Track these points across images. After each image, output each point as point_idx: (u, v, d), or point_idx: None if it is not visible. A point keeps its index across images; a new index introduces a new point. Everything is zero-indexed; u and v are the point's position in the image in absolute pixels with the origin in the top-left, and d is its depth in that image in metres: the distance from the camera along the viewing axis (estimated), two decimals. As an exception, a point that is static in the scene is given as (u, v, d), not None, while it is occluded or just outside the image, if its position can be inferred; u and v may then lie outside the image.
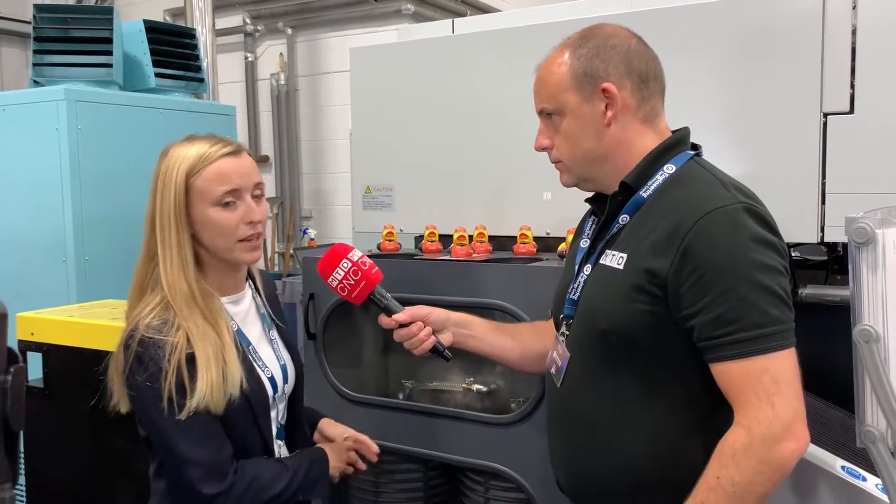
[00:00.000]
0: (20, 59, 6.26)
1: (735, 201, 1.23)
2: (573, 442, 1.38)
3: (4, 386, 0.52)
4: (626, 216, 1.33)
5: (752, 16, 1.88)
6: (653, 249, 1.24)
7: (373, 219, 2.49)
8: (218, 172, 1.48)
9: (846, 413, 1.85)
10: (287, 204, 5.73)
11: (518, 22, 2.29)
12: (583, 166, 1.38)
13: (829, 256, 2.36)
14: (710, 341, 1.19)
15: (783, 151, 1.87)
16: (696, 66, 1.96)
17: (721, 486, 1.16)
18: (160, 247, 1.48)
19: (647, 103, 1.34)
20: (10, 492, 0.52)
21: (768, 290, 1.18)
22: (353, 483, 2.31)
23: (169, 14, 5.87)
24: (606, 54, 1.32)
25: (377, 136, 2.49)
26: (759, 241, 1.20)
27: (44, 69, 3.42)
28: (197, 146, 1.50)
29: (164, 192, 1.48)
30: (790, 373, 1.18)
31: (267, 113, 5.79)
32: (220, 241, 1.50)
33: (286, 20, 5.59)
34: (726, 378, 1.19)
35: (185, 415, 1.41)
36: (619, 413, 1.31)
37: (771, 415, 1.15)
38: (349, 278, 1.54)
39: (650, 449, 1.28)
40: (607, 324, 1.29)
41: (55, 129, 3.15)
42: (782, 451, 1.15)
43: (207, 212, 1.48)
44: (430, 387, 2.28)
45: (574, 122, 1.34)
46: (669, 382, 1.28)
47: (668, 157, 1.34)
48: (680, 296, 1.21)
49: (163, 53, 3.74)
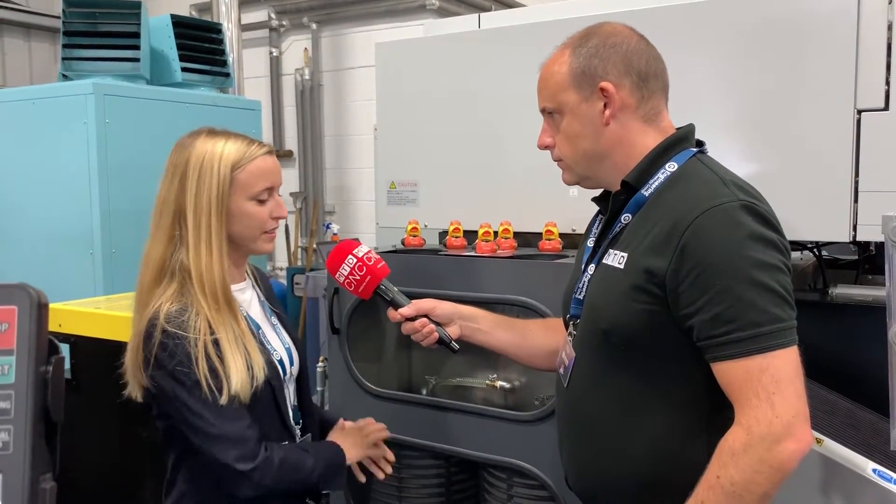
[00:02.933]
0: (49, 54, 6.34)
1: (734, 199, 1.21)
2: (579, 441, 1.39)
3: (46, 376, 0.53)
4: (628, 215, 1.33)
5: (787, 12, 1.85)
6: (652, 248, 1.23)
7: (397, 214, 2.49)
8: (261, 169, 1.57)
9: (878, 416, 1.82)
10: (310, 199, 5.75)
11: (544, 17, 2.27)
12: (583, 165, 1.38)
13: (860, 256, 2.32)
14: (710, 341, 1.18)
15: (816, 149, 1.84)
16: (729, 63, 1.93)
17: (721, 486, 1.15)
18: (193, 235, 1.51)
19: (648, 102, 1.33)
20: (51, 482, 0.52)
21: (767, 287, 1.16)
22: (376, 478, 2.32)
23: (195, 9, 5.91)
24: (605, 53, 1.32)
25: (402, 131, 2.49)
26: (757, 238, 1.18)
27: (72, 63, 3.46)
28: (233, 142, 1.57)
29: (202, 181, 1.51)
30: (791, 372, 1.16)
31: (291, 108, 5.81)
32: (248, 232, 1.57)
33: (311, 15, 5.61)
34: (726, 377, 1.18)
35: (226, 398, 1.45)
36: (622, 413, 1.31)
37: (770, 414, 1.13)
38: (355, 273, 1.58)
39: (653, 449, 1.28)
40: (609, 324, 1.29)
41: (83, 123, 3.19)
42: (782, 451, 1.13)
43: (245, 205, 1.55)
44: (453, 383, 2.28)
45: (574, 120, 1.34)
46: (671, 383, 1.27)
47: (670, 154, 1.33)
48: (678, 295, 1.20)
49: (189, 48, 3.77)
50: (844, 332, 1.92)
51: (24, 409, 0.51)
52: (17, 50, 6.19)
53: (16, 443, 0.50)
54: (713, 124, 1.97)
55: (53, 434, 0.53)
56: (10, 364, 0.52)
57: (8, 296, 0.52)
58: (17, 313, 0.52)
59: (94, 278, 3.16)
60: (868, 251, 2.29)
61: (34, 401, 0.51)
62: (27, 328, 0.52)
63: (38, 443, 0.51)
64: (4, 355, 0.51)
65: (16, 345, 0.52)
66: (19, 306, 0.52)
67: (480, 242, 2.13)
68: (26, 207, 3.39)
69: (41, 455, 0.51)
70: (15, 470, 0.49)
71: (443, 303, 1.61)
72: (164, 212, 1.54)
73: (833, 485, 1.57)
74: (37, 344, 0.52)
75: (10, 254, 3.43)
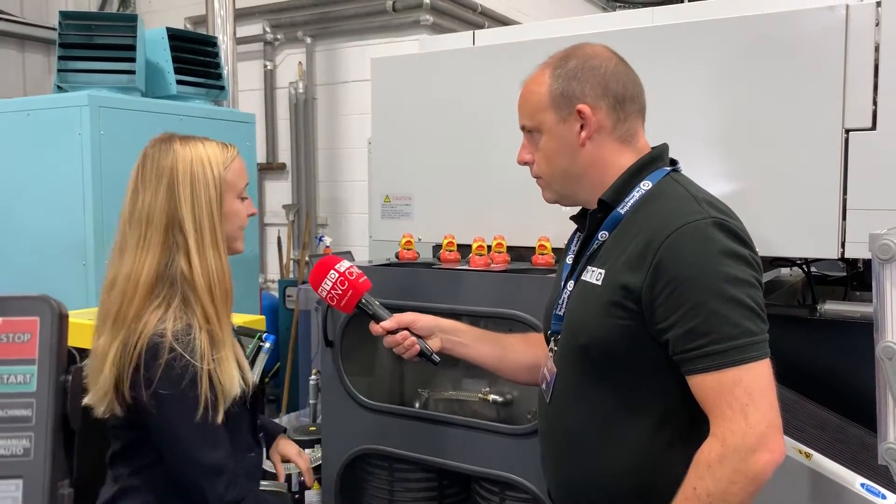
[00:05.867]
0: (43, 65, 6.33)
1: (706, 216, 1.24)
2: (560, 455, 1.41)
3: (66, 385, 0.54)
4: (605, 232, 1.36)
5: (775, 32, 1.89)
6: (628, 265, 1.26)
7: (391, 227, 2.50)
8: (240, 168, 1.60)
9: (866, 430, 1.84)
10: (303, 211, 5.76)
11: (539, 34, 2.30)
12: (560, 183, 1.42)
13: (848, 272, 2.35)
14: (685, 354, 1.21)
15: (804, 167, 1.87)
16: (717, 82, 1.96)
17: (697, 497, 1.17)
18: (195, 241, 1.49)
19: (624, 124, 1.36)
20: (68, 488, 0.53)
21: (740, 302, 1.19)
22: (368, 491, 2.32)
23: (190, 22, 5.93)
24: (584, 76, 1.35)
25: (397, 144, 2.51)
26: (729, 254, 1.21)
27: (68, 75, 3.47)
28: (209, 145, 1.57)
29: (196, 186, 1.50)
30: (764, 384, 1.19)
31: (285, 121, 5.83)
32: (233, 232, 1.60)
33: (306, 29, 5.64)
34: (701, 390, 1.21)
35: (221, 416, 1.45)
36: (601, 428, 1.33)
37: (744, 426, 1.16)
38: (336, 288, 1.59)
39: (632, 463, 1.30)
40: (587, 339, 1.31)
41: (78, 134, 3.20)
42: (756, 462, 1.15)
43: (234, 204, 1.59)
44: (446, 396, 2.29)
45: (551, 140, 1.38)
46: (649, 397, 1.29)
47: (645, 173, 1.36)
48: (654, 310, 1.23)
49: (184, 61, 3.79)
50: (833, 347, 1.94)
51: (45, 416, 0.52)
52: (11, 61, 6.18)
53: (36, 449, 0.51)
54: (702, 142, 2.00)
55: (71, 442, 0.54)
56: (31, 373, 0.53)
57: (30, 307, 0.53)
58: (39, 324, 0.53)
59: (86, 289, 3.15)
60: (856, 268, 2.32)
61: (54, 409, 0.52)
62: (48, 339, 0.53)
63: (57, 450, 0.52)
64: (26, 364, 0.52)
65: (37, 355, 0.53)
66: (41, 317, 0.53)
67: (474, 256, 2.15)
68: (20, 218, 3.39)
69: (60, 462, 0.52)
70: (35, 475, 0.50)
71: (424, 316, 1.63)
72: (154, 222, 1.49)
73: (821, 499, 1.58)
74: (58, 354, 0.54)
75: (3, 264, 3.43)
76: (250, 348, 2.72)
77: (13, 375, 0.53)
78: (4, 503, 0.49)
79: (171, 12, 6.00)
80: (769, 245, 1.95)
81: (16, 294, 0.54)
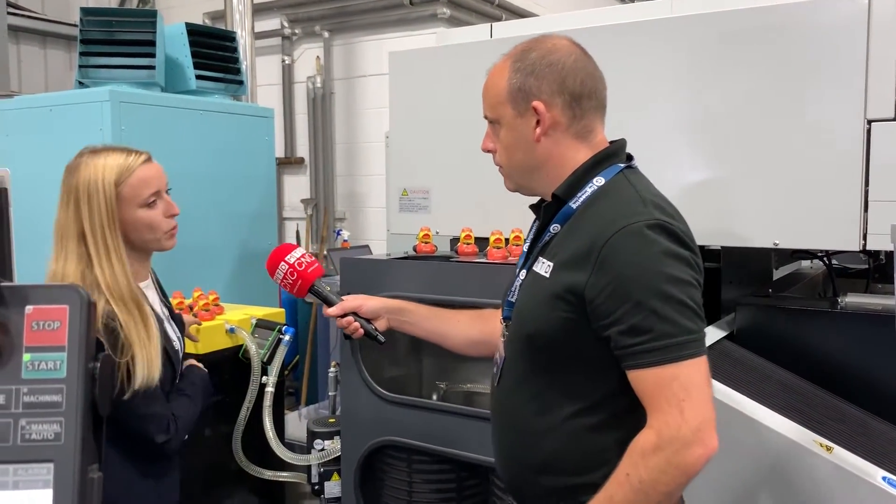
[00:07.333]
0: (64, 61, 6.40)
1: (649, 218, 1.27)
2: (503, 435, 1.48)
3: (94, 373, 0.55)
4: (557, 225, 1.39)
5: (798, 22, 1.87)
6: (573, 261, 1.30)
7: (409, 221, 2.51)
8: (142, 179, 1.73)
9: (888, 424, 1.83)
10: (321, 205, 5.78)
11: (555, 26, 2.29)
12: (518, 174, 1.46)
13: (870, 265, 2.33)
14: (625, 350, 1.25)
15: (826, 158, 1.86)
16: (738, 72, 1.95)
17: (629, 483, 1.23)
18: (94, 252, 1.66)
19: (580, 121, 1.38)
20: (97, 472, 0.54)
21: (679, 301, 1.23)
22: (387, 482, 2.34)
23: (209, 17, 5.96)
24: (541, 72, 1.37)
25: (414, 138, 2.51)
26: (669, 255, 1.25)
27: (89, 71, 3.50)
28: (112, 157, 1.72)
29: (91, 203, 1.67)
30: (700, 380, 1.23)
31: (303, 115, 5.85)
32: (149, 236, 1.75)
33: (323, 24, 5.65)
34: (640, 384, 1.25)
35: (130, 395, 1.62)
36: (541, 411, 1.38)
37: (680, 420, 1.20)
38: (288, 277, 1.73)
39: (567, 446, 1.36)
40: (532, 328, 1.36)
41: (99, 130, 3.23)
42: (689, 455, 1.19)
43: (136, 213, 1.72)
44: (463, 388, 2.29)
45: (509, 133, 1.42)
46: (588, 386, 1.34)
47: (599, 169, 1.38)
48: (597, 307, 1.26)
49: (203, 56, 3.81)
50: (854, 340, 1.93)
51: (75, 402, 0.53)
52: (34, 57, 6.25)
53: (67, 434, 0.53)
54: (724, 133, 1.99)
55: (99, 427, 0.56)
56: (62, 360, 0.54)
57: (60, 295, 0.55)
58: (69, 312, 0.54)
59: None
60: (878, 260, 2.30)
61: (84, 395, 0.54)
62: (77, 326, 0.55)
63: (87, 435, 0.54)
64: (57, 352, 0.54)
65: (67, 342, 0.54)
66: (70, 305, 0.55)
67: (492, 249, 2.15)
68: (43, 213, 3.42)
69: (89, 446, 0.54)
70: (66, 460, 0.52)
71: (371, 299, 1.75)
72: (67, 234, 1.69)
73: (843, 492, 1.57)
74: (86, 341, 0.55)
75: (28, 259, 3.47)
76: (269, 340, 2.75)
77: (44, 362, 0.55)
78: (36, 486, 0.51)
79: (189, 7, 6.04)
80: (790, 237, 1.94)
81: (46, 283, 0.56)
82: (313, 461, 2.71)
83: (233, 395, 2.73)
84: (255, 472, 2.78)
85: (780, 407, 1.72)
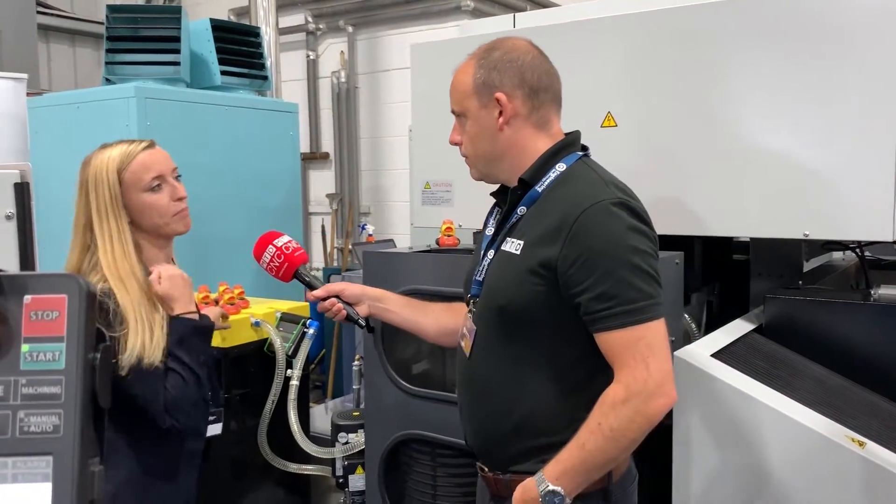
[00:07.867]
0: (93, 59, 6.49)
1: (613, 197, 1.41)
2: (475, 403, 1.58)
3: (94, 363, 0.55)
4: (523, 208, 1.51)
5: (833, 8, 1.83)
6: (544, 238, 1.43)
7: (432, 214, 2.50)
8: (143, 164, 1.76)
9: (922, 418, 1.78)
10: (346, 200, 5.80)
11: (578, 16, 2.27)
12: (483, 163, 1.57)
13: (904, 256, 2.27)
14: (594, 314, 1.38)
15: (858, 147, 1.81)
16: (772, 61, 1.91)
17: (601, 431, 1.35)
18: (100, 238, 1.71)
19: (538, 111, 1.52)
20: (98, 466, 0.54)
21: (642, 270, 1.37)
22: (411, 476, 2.33)
23: (233, 13, 6.00)
24: (503, 67, 1.50)
25: (437, 131, 2.49)
26: (633, 229, 1.40)
27: (115, 67, 3.54)
28: (117, 148, 1.77)
29: (97, 192, 1.73)
30: (661, 339, 1.37)
31: (328, 110, 5.87)
32: (158, 220, 1.78)
33: (347, 18, 5.66)
34: (608, 345, 1.38)
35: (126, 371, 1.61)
36: (512, 377, 1.50)
37: (646, 374, 1.34)
38: (274, 261, 1.78)
39: (539, 409, 1.48)
40: (505, 301, 1.48)
41: (125, 126, 3.27)
42: (654, 405, 1.34)
43: (141, 197, 1.75)
44: (487, 382, 2.28)
45: (474, 124, 1.54)
46: (557, 350, 1.46)
47: (560, 157, 1.52)
48: (568, 277, 1.39)
49: (228, 52, 3.83)
50: (887, 333, 1.88)
51: (74, 394, 0.53)
52: (63, 55, 6.35)
53: (66, 426, 0.52)
54: (753, 122, 1.95)
55: (100, 420, 0.56)
56: (60, 350, 0.54)
57: (58, 285, 0.54)
58: (67, 302, 0.54)
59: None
60: (913, 251, 2.24)
61: (83, 386, 0.53)
62: (77, 316, 0.54)
63: (86, 427, 0.54)
64: (55, 342, 0.54)
65: (66, 332, 0.54)
66: (69, 295, 0.54)
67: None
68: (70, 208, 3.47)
69: (89, 439, 0.54)
70: (65, 453, 0.51)
71: (353, 285, 1.81)
72: (77, 226, 1.76)
73: (876, 489, 1.54)
74: (86, 331, 0.55)
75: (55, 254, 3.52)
76: (294, 334, 2.76)
77: (42, 353, 0.54)
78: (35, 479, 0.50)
79: (214, 4, 6.08)
80: (821, 228, 1.90)
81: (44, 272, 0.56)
82: (337, 454, 2.72)
83: (258, 388, 2.75)
84: (280, 465, 2.80)
85: (810, 401, 1.68)
